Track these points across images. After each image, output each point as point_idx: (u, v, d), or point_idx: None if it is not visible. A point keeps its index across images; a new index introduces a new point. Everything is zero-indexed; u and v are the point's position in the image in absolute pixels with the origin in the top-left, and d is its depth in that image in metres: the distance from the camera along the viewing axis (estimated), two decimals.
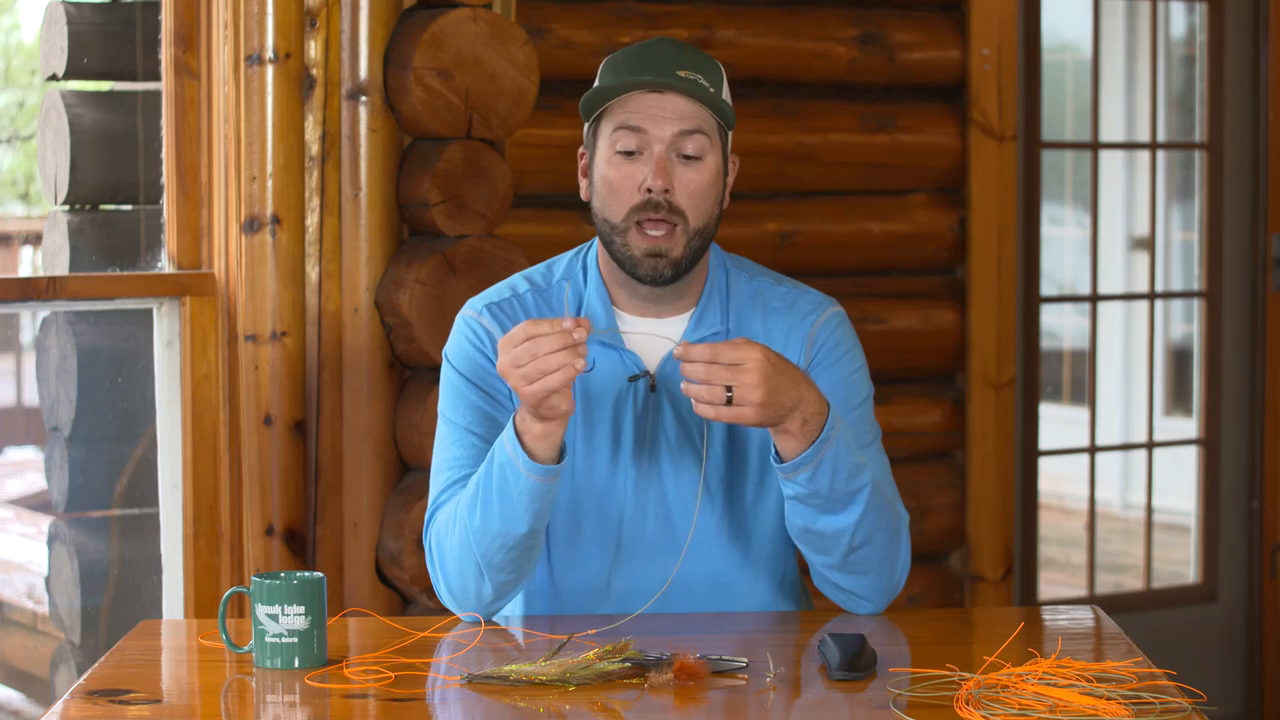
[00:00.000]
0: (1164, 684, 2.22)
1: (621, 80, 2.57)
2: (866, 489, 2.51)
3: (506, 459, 2.46)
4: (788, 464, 2.47)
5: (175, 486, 3.70)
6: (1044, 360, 4.91)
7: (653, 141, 2.56)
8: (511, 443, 2.45)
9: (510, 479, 2.47)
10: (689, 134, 2.56)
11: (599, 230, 2.63)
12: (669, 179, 2.56)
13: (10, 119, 9.62)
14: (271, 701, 2.26)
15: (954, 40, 4.47)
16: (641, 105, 2.57)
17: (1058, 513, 7.50)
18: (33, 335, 4.19)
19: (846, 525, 2.52)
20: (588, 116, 2.62)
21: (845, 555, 2.56)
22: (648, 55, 2.59)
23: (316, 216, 3.59)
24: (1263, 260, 5.00)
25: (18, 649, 4.39)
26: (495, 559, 2.52)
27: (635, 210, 2.57)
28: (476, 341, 2.66)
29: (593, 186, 2.63)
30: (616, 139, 2.57)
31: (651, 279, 2.59)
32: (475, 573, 2.54)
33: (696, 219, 2.58)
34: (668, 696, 2.22)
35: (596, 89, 2.59)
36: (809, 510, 2.52)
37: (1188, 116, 5.81)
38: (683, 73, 2.56)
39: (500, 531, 2.50)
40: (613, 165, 2.58)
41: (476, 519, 2.50)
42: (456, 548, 2.54)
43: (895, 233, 4.45)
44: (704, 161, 2.58)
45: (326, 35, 3.57)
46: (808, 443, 2.45)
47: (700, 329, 2.65)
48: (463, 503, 2.54)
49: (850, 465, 2.49)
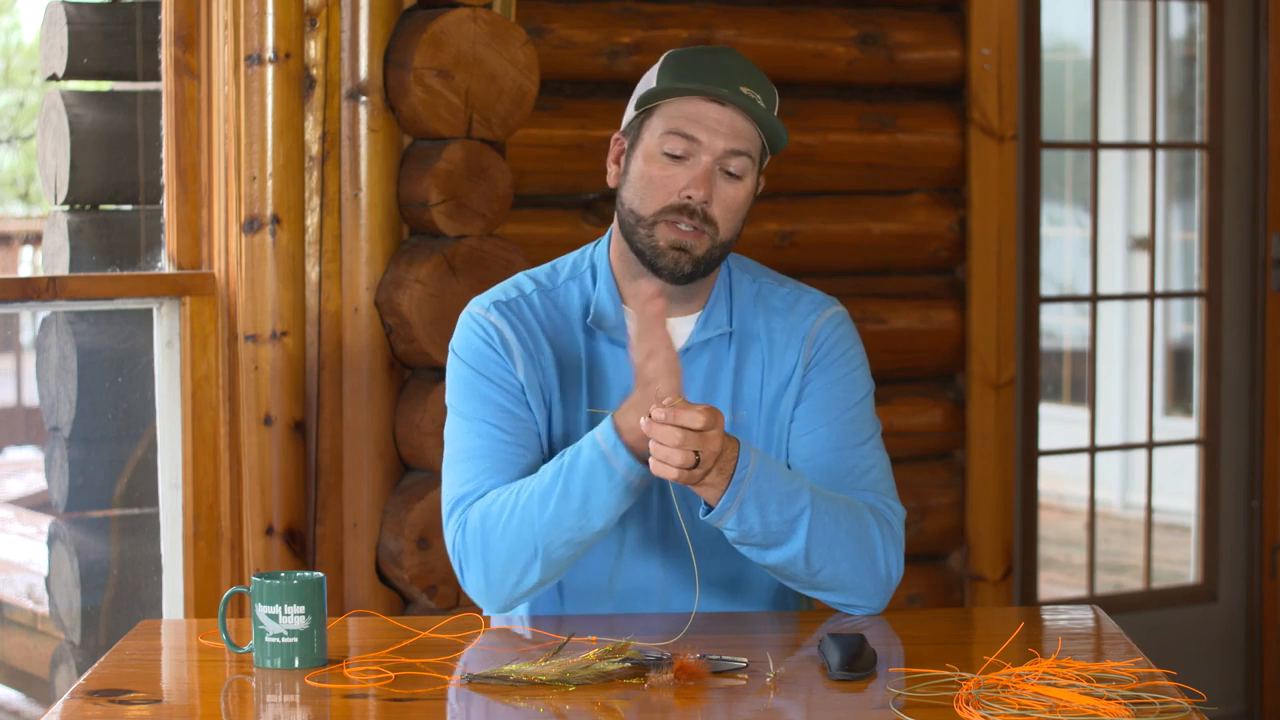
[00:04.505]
0: (1164, 684, 2.22)
1: (687, 83, 2.57)
2: (805, 514, 2.50)
3: (599, 457, 2.46)
4: (714, 512, 2.46)
5: (175, 486, 3.70)
6: (1044, 360, 4.92)
7: (702, 151, 2.57)
8: (611, 442, 2.45)
9: (601, 477, 2.46)
10: (738, 154, 2.58)
11: (622, 220, 2.63)
12: (710, 191, 2.57)
13: (10, 119, 9.62)
14: (271, 701, 2.26)
15: (954, 40, 4.47)
16: (700, 113, 2.57)
17: (1058, 513, 7.50)
18: (33, 335, 4.19)
19: (794, 555, 2.51)
20: (640, 107, 2.62)
21: (809, 578, 2.55)
22: (714, 63, 2.59)
23: (316, 216, 3.59)
24: (1263, 260, 5.00)
25: (18, 649, 4.39)
26: (556, 554, 2.53)
27: (668, 210, 2.58)
28: (486, 337, 2.66)
29: (626, 176, 2.63)
30: (666, 140, 2.57)
31: (671, 272, 2.59)
32: (526, 562, 2.53)
33: (726, 232, 2.60)
34: (668, 696, 2.22)
35: (660, 87, 2.58)
36: (752, 550, 2.52)
37: (1188, 116, 5.81)
38: (745, 89, 2.57)
39: (575, 526, 2.50)
40: (657, 164, 2.58)
41: (550, 511, 2.49)
42: (511, 537, 2.53)
43: (895, 233, 4.45)
44: (743, 181, 2.60)
45: (326, 35, 3.57)
46: (726, 484, 2.45)
47: (707, 330, 2.66)
48: (525, 496, 2.52)
49: (780, 495, 2.48)
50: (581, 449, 2.49)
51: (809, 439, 2.64)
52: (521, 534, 2.52)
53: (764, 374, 2.67)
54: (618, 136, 2.67)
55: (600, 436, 2.46)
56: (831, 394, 2.64)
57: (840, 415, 2.65)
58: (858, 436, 2.65)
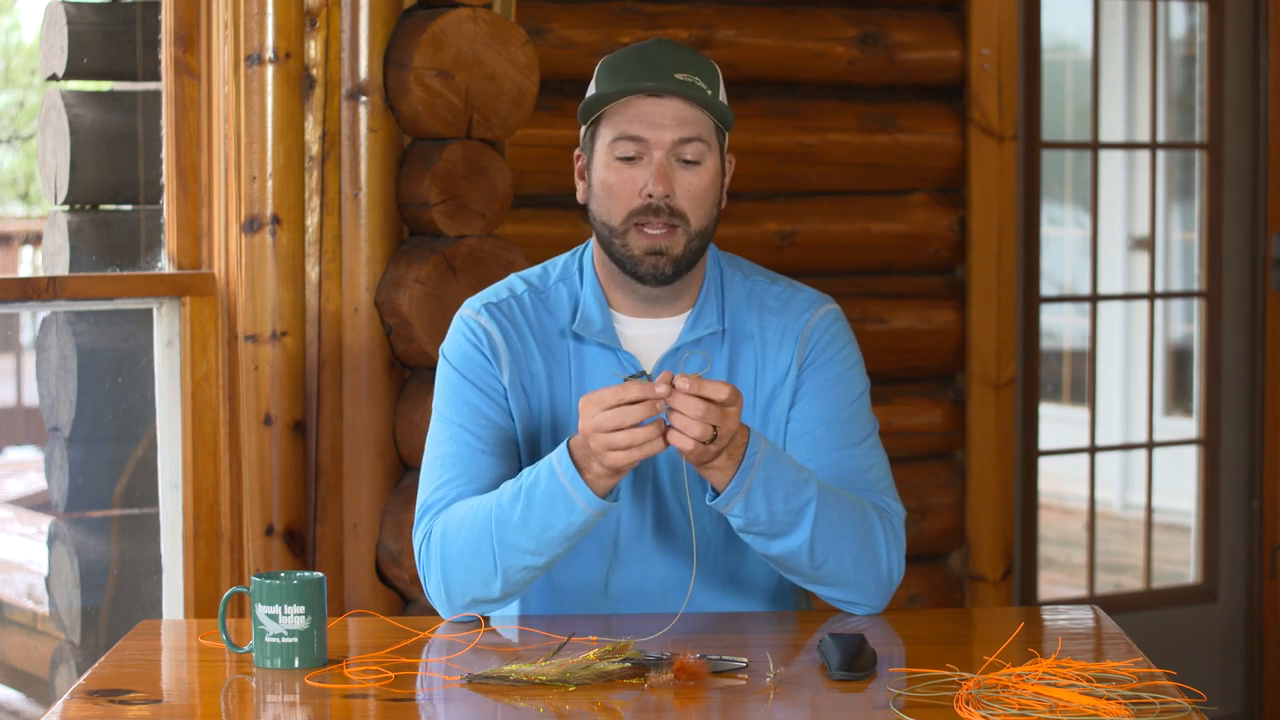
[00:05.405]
0: (1164, 684, 2.22)
1: (619, 85, 2.57)
2: (811, 506, 2.49)
3: (557, 490, 2.43)
4: (721, 497, 2.46)
5: (175, 486, 3.70)
6: (1044, 360, 4.91)
7: (652, 148, 2.56)
8: (570, 477, 2.42)
9: (560, 511, 2.44)
10: (688, 141, 2.56)
11: (597, 233, 2.63)
12: (669, 184, 2.56)
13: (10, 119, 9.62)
14: (271, 701, 2.26)
15: (954, 40, 4.47)
16: (640, 111, 2.57)
17: (1058, 513, 7.50)
18: (33, 335, 4.19)
19: (798, 546, 2.51)
20: (585, 120, 2.62)
21: (812, 571, 2.55)
22: (644, 58, 2.59)
23: (316, 216, 3.59)
24: (1263, 260, 5.00)
25: (18, 649, 4.39)
26: (515, 576, 2.52)
27: (635, 214, 2.57)
28: (475, 340, 2.66)
29: (591, 189, 2.63)
30: (616, 146, 2.57)
31: (653, 277, 2.59)
32: (486, 579, 2.52)
33: (697, 221, 2.59)
34: (668, 696, 2.22)
35: (594, 96, 2.59)
36: (757, 539, 2.52)
37: (1188, 116, 5.81)
38: (680, 75, 2.56)
39: (532, 551, 2.48)
40: (612, 170, 2.58)
41: (508, 536, 2.48)
42: (469, 555, 2.52)
43: (895, 233, 4.45)
44: (703, 165, 2.58)
45: (326, 35, 3.57)
46: (734, 469, 2.44)
47: (697, 329, 2.65)
48: (484, 515, 2.51)
49: (787, 485, 2.47)
50: (540, 478, 2.45)
51: (806, 439, 2.64)
52: (480, 552, 2.51)
53: (758, 373, 2.66)
54: (578, 153, 2.67)
55: (559, 467, 2.43)
56: (827, 394, 2.64)
57: (837, 415, 2.65)
58: (855, 435, 2.65)
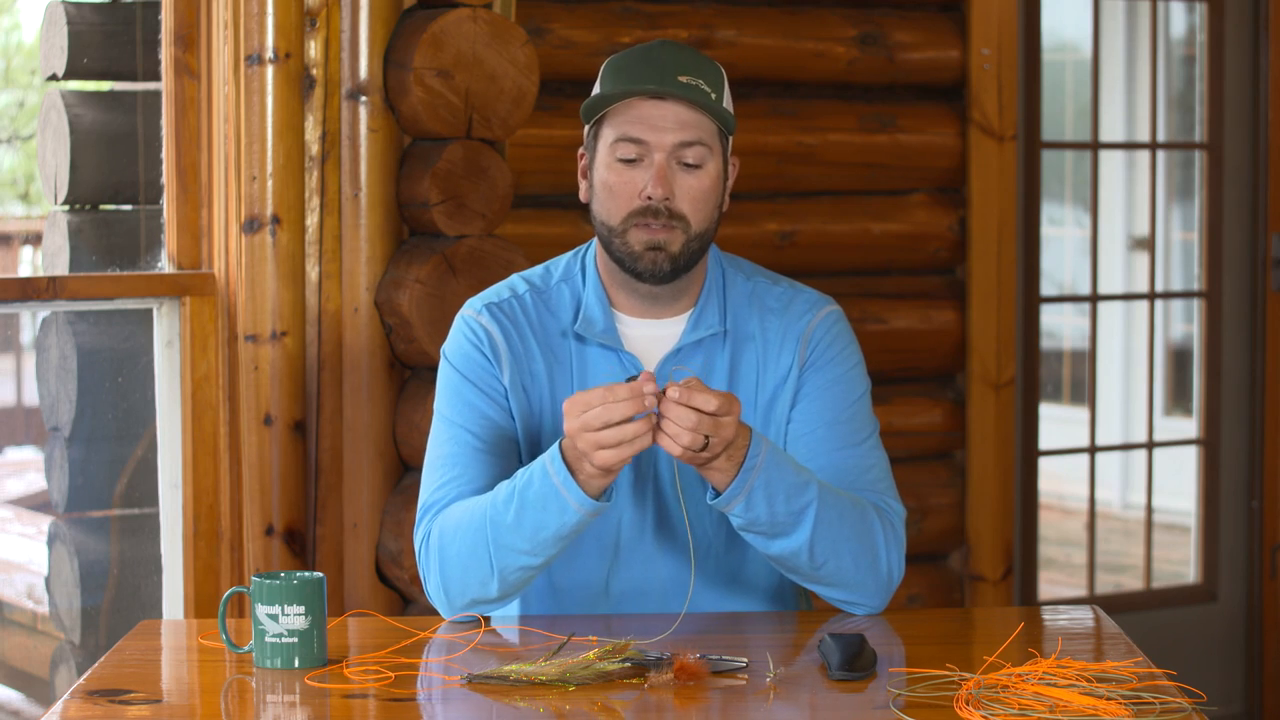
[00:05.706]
0: (1164, 684, 2.22)
1: (622, 86, 2.57)
2: (812, 507, 2.49)
3: (551, 491, 2.43)
4: (721, 497, 2.46)
5: (175, 486, 3.70)
6: (1044, 360, 4.91)
7: (653, 150, 2.56)
8: (562, 478, 2.41)
9: (553, 512, 2.43)
10: (688, 144, 2.56)
11: (598, 232, 2.63)
12: (669, 187, 2.56)
13: (10, 119, 9.62)
14: (271, 701, 2.26)
15: (954, 40, 4.47)
16: (642, 113, 2.57)
17: (1058, 513, 7.50)
18: (33, 335, 4.19)
19: (798, 546, 2.51)
20: (588, 120, 2.62)
21: (812, 571, 2.55)
22: (648, 60, 2.58)
23: (316, 216, 3.59)
24: (1263, 260, 5.00)
25: (18, 649, 4.38)
26: (511, 577, 2.52)
27: (635, 214, 2.57)
28: (476, 341, 2.66)
29: (592, 189, 2.63)
30: (618, 147, 2.57)
31: (651, 273, 2.59)
32: (483, 580, 2.52)
33: (698, 223, 2.59)
34: (668, 696, 2.22)
35: (597, 96, 2.59)
36: (758, 539, 2.52)
37: (1188, 116, 5.81)
38: (684, 78, 2.56)
39: (527, 552, 2.48)
40: (613, 171, 2.58)
41: (503, 538, 2.48)
42: (466, 556, 2.52)
43: (895, 233, 4.45)
44: (704, 169, 2.58)
45: (326, 35, 3.57)
46: (735, 471, 2.44)
47: (699, 330, 2.65)
48: (479, 516, 2.51)
49: (788, 486, 2.47)
50: (533, 479, 2.45)
51: (807, 440, 2.64)
52: (477, 553, 2.51)
53: (759, 374, 2.66)
54: (581, 152, 2.67)
55: (552, 469, 2.43)
56: (828, 394, 2.64)
57: (838, 415, 2.65)
58: (856, 436, 2.65)
